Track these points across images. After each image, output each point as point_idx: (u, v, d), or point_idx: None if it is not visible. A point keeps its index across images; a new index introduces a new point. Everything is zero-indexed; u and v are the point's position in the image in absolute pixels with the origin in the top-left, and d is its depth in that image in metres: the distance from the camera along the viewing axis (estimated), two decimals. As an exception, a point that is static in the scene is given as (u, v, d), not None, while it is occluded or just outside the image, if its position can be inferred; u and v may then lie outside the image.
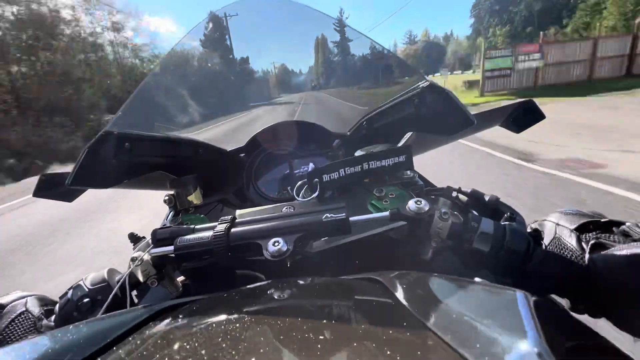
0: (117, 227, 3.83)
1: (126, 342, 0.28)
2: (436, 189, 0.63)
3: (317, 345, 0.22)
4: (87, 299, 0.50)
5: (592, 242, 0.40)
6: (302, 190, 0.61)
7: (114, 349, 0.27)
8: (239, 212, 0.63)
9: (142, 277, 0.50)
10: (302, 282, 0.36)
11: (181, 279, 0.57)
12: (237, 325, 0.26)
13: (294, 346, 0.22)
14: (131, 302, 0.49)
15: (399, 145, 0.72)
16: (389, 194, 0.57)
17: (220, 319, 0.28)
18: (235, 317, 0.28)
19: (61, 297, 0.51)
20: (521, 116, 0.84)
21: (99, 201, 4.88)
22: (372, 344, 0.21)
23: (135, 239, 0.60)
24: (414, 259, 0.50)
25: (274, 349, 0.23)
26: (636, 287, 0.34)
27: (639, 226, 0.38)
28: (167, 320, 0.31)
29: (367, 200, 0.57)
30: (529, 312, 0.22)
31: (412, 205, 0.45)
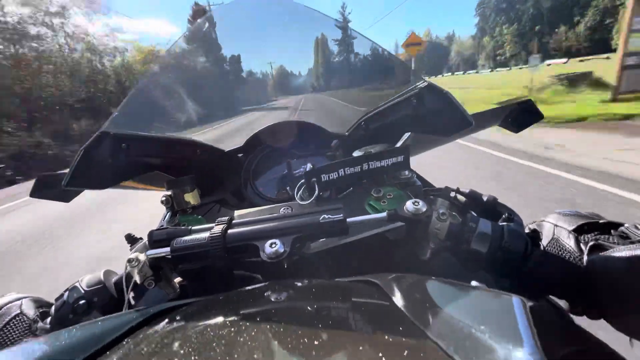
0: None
1: (122, 345, 0.28)
2: (434, 190, 0.63)
3: (313, 347, 0.22)
4: (83, 301, 0.49)
5: (590, 243, 0.40)
6: (301, 190, 0.61)
7: (108, 352, 0.27)
8: (237, 212, 0.62)
9: (139, 279, 0.49)
10: (298, 284, 0.35)
11: (178, 280, 0.57)
12: (234, 327, 0.26)
13: (290, 349, 0.22)
14: (128, 304, 0.49)
15: (397, 145, 0.72)
16: (386, 195, 0.57)
17: (216, 321, 0.28)
18: (231, 319, 0.28)
19: (57, 299, 0.51)
20: (520, 116, 0.84)
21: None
22: (367, 347, 0.21)
23: (132, 240, 0.60)
24: (412, 260, 0.50)
25: (270, 351, 0.22)
26: (634, 289, 0.34)
27: (637, 228, 0.38)
28: (163, 322, 0.30)
29: (365, 200, 0.57)
30: (525, 318, 0.22)
31: (409, 206, 0.45)
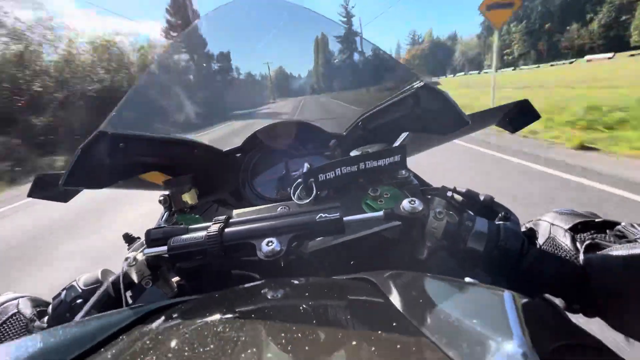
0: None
1: (117, 341, 0.28)
2: (431, 189, 0.63)
3: (307, 344, 0.22)
4: (80, 300, 0.49)
5: (586, 242, 0.40)
6: (298, 190, 0.61)
7: (103, 349, 0.27)
8: (235, 212, 0.62)
9: (136, 278, 0.49)
10: (294, 281, 0.36)
11: (176, 279, 0.57)
12: (229, 324, 0.26)
13: (285, 345, 0.22)
14: (126, 303, 0.49)
15: (395, 145, 0.72)
16: (383, 194, 0.57)
17: (211, 318, 0.28)
18: (227, 316, 0.28)
19: (54, 298, 0.51)
20: (516, 116, 0.84)
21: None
22: (360, 343, 0.21)
23: (129, 239, 0.60)
24: (409, 259, 0.50)
25: (265, 348, 0.23)
26: (630, 288, 0.34)
27: (634, 226, 0.38)
28: (158, 320, 0.30)
29: (362, 200, 0.57)
30: (515, 312, 0.22)
31: (405, 205, 0.45)
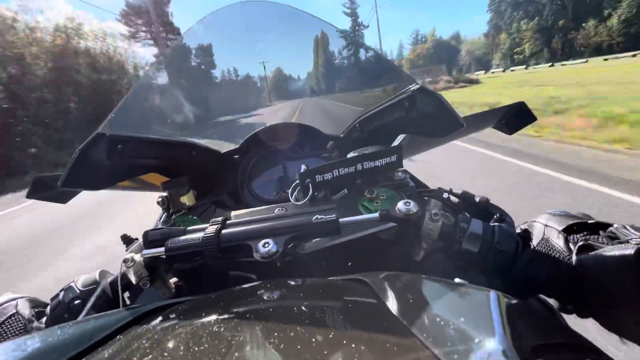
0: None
1: (114, 341, 0.28)
2: (427, 190, 0.64)
3: (300, 344, 0.22)
4: (78, 301, 0.49)
5: (579, 243, 0.40)
6: (295, 191, 0.62)
7: (100, 349, 0.27)
8: (233, 213, 0.63)
9: (134, 279, 0.49)
10: (289, 282, 0.36)
11: (174, 280, 0.57)
12: (224, 324, 0.27)
13: (277, 345, 0.22)
14: (123, 304, 0.49)
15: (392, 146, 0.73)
16: (380, 196, 0.57)
17: (207, 319, 0.28)
18: (222, 317, 0.28)
19: (52, 299, 0.51)
20: (513, 118, 0.85)
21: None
22: (351, 342, 0.22)
23: (127, 240, 0.60)
24: (405, 260, 0.51)
25: (258, 349, 0.23)
26: (623, 288, 0.34)
27: (626, 228, 0.39)
28: (155, 320, 0.31)
29: (358, 201, 0.57)
30: (499, 311, 0.23)
31: (401, 206, 0.46)
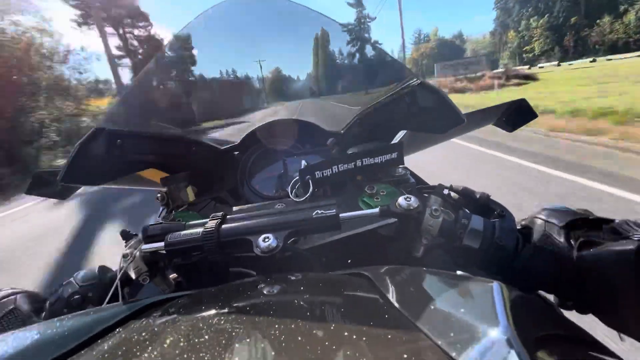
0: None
1: (112, 334, 0.28)
2: (428, 187, 0.63)
3: (300, 337, 0.22)
4: (77, 296, 0.49)
5: (580, 239, 0.40)
6: (295, 187, 0.62)
7: (99, 341, 0.27)
8: (233, 209, 0.63)
9: (133, 274, 0.50)
10: (289, 277, 0.36)
11: (173, 276, 0.57)
12: (223, 319, 0.27)
13: (277, 339, 0.22)
14: (123, 300, 0.49)
15: (392, 143, 0.73)
16: (380, 191, 0.57)
17: (206, 313, 0.28)
18: (222, 311, 0.28)
19: (51, 294, 0.51)
20: (514, 115, 0.85)
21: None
22: (353, 335, 0.22)
23: (127, 236, 0.60)
24: (405, 256, 0.51)
25: (257, 342, 0.23)
26: (623, 284, 0.34)
27: (627, 223, 0.38)
28: (153, 314, 0.31)
29: (359, 198, 0.57)
30: (502, 301, 0.23)
31: (401, 201, 0.45)
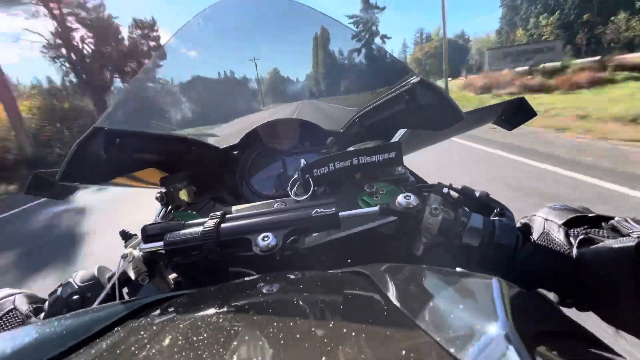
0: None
1: (111, 333, 0.28)
2: (427, 185, 0.63)
3: (300, 335, 0.22)
4: (76, 296, 0.49)
5: (580, 237, 0.40)
6: (295, 186, 0.62)
7: (98, 340, 0.27)
8: (232, 208, 0.63)
9: (133, 274, 0.49)
10: (288, 276, 0.36)
11: (173, 275, 0.57)
12: (222, 317, 0.26)
13: (277, 338, 0.22)
14: (121, 299, 0.49)
15: (391, 141, 0.72)
16: (379, 190, 0.57)
17: (205, 312, 0.28)
18: (220, 310, 0.28)
19: (50, 295, 0.51)
20: (513, 114, 0.85)
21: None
22: (352, 333, 0.22)
23: (126, 236, 0.60)
24: (405, 254, 0.51)
25: (257, 341, 0.23)
26: (623, 281, 0.34)
27: (627, 221, 0.39)
28: (153, 313, 0.31)
29: (358, 196, 0.57)
30: (501, 297, 0.23)
31: (401, 200, 0.45)
